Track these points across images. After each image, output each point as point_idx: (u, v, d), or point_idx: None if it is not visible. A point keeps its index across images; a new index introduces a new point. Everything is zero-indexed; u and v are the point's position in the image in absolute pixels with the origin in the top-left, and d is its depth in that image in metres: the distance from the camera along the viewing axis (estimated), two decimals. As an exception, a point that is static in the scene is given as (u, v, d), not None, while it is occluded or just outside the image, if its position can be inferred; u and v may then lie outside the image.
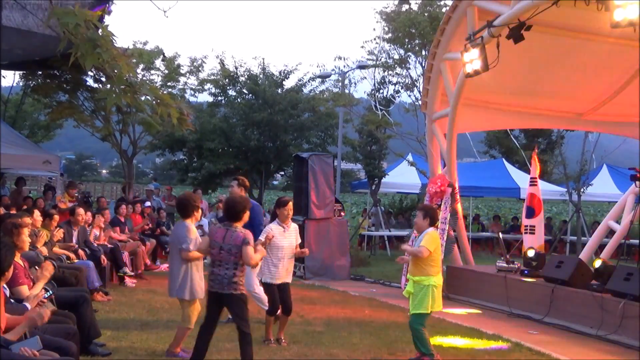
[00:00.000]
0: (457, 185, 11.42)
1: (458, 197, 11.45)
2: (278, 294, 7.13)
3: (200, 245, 6.23)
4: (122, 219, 12.84)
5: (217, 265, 5.81)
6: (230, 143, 21.47)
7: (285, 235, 7.16)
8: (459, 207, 11.45)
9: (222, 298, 5.80)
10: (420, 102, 13.87)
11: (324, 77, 21.24)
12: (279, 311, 7.24)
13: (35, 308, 4.56)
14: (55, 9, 3.87)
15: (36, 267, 6.27)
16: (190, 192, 7.68)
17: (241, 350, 5.81)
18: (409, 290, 6.59)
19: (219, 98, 22.94)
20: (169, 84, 20.04)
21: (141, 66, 18.98)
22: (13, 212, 9.80)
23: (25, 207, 11.28)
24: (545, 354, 7.38)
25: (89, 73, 15.69)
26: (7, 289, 5.18)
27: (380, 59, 18.32)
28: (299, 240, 7.44)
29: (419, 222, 6.70)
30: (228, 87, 22.71)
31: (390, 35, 17.52)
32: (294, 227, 7.37)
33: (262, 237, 6.88)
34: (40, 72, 16.62)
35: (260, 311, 7.79)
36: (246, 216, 6.02)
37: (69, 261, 8.91)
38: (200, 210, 6.65)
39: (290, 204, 7.36)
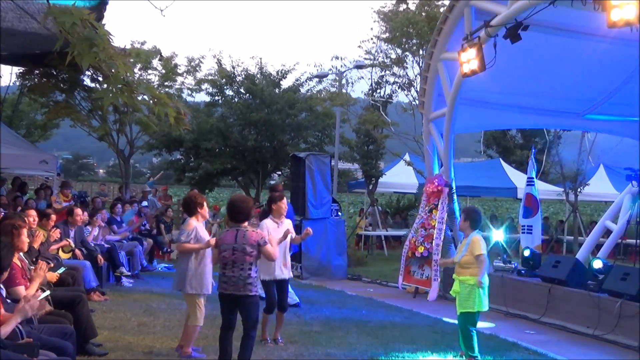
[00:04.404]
0: (454, 185, 11.43)
1: (455, 196, 11.46)
2: (276, 292, 7.13)
3: (214, 256, 6.21)
4: (118, 218, 12.83)
5: (229, 267, 5.80)
6: (227, 143, 21.44)
7: (279, 231, 7.17)
8: (456, 207, 11.45)
9: (237, 300, 5.80)
10: (417, 102, 13.87)
11: (321, 76, 21.20)
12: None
13: (26, 298, 4.51)
14: (52, 8, 3.85)
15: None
16: (194, 191, 7.73)
17: (241, 349, 5.82)
18: (456, 289, 6.76)
19: (216, 98, 22.91)
20: (166, 83, 20.01)
21: (138, 66, 18.95)
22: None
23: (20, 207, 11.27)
24: (542, 353, 7.39)
25: (86, 72, 15.67)
26: (4, 289, 5.17)
27: (378, 59, 18.31)
28: (294, 235, 7.46)
29: (461, 224, 6.99)
30: (225, 87, 22.68)
31: (387, 34, 17.50)
32: (287, 222, 7.46)
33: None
34: (37, 72, 16.58)
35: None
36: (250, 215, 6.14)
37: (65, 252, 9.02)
38: (206, 208, 6.72)
39: (285, 199, 7.44)
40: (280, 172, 24.69)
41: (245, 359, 5.81)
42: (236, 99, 22.65)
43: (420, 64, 16.19)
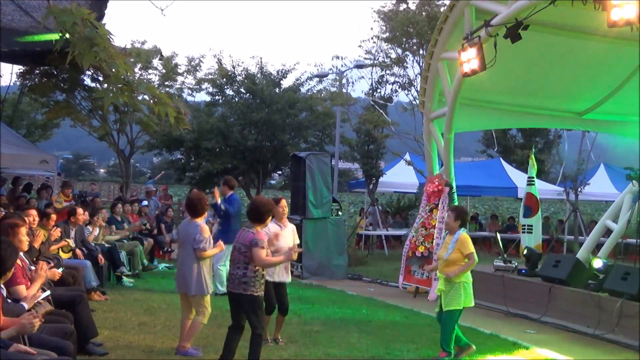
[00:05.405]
0: (454, 185, 11.42)
1: (455, 196, 11.46)
2: (274, 293, 7.12)
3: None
4: (118, 218, 12.83)
5: (231, 265, 5.99)
6: (227, 142, 21.44)
7: (282, 234, 7.07)
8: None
9: (234, 297, 5.92)
10: (417, 102, 13.87)
11: (321, 76, 21.21)
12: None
13: (29, 315, 4.49)
14: (53, 8, 3.86)
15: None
16: (199, 192, 7.77)
17: (250, 350, 5.86)
18: (441, 288, 6.81)
19: (217, 97, 22.92)
20: (166, 83, 20.04)
21: (139, 65, 18.96)
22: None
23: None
24: (542, 353, 7.39)
25: (87, 72, 15.67)
26: (4, 288, 5.17)
27: (378, 59, 18.31)
28: (297, 241, 7.37)
29: (450, 222, 6.97)
30: (225, 87, 22.68)
31: (387, 34, 17.51)
32: (291, 227, 7.38)
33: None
34: (37, 71, 16.58)
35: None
36: (269, 219, 6.20)
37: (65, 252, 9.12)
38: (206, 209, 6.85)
39: (284, 201, 7.39)
40: (280, 172, 24.71)
41: (254, 359, 5.85)
42: (236, 99, 22.65)
43: (421, 64, 16.19)
